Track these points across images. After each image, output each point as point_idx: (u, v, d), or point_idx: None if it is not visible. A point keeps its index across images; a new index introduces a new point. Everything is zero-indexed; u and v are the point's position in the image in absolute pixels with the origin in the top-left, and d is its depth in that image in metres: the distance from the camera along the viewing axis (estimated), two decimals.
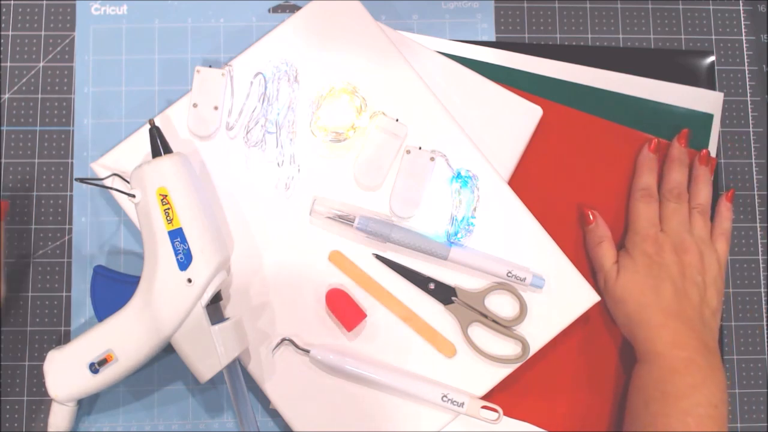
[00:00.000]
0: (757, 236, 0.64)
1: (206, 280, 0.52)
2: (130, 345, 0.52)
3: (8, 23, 0.63)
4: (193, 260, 0.51)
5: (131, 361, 0.52)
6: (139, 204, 0.52)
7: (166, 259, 0.51)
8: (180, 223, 0.51)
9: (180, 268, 0.51)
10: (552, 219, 0.58)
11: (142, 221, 0.52)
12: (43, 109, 0.62)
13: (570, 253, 0.58)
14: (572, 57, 0.64)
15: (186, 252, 0.51)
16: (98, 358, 0.51)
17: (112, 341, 0.52)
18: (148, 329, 0.51)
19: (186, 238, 0.51)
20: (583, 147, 0.62)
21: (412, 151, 0.57)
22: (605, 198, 0.62)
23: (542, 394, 0.60)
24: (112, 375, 0.52)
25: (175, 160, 0.53)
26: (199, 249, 0.51)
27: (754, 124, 0.65)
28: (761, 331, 0.63)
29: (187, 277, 0.51)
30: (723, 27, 0.66)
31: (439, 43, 0.63)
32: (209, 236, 0.52)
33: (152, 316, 0.51)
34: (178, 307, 0.51)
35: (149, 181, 0.52)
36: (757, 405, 0.62)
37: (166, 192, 0.51)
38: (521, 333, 0.57)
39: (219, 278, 0.53)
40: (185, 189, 0.52)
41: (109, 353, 0.51)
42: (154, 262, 0.51)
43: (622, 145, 0.62)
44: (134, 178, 0.53)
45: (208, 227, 0.53)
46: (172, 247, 0.51)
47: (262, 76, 0.58)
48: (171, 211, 0.51)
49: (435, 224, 0.57)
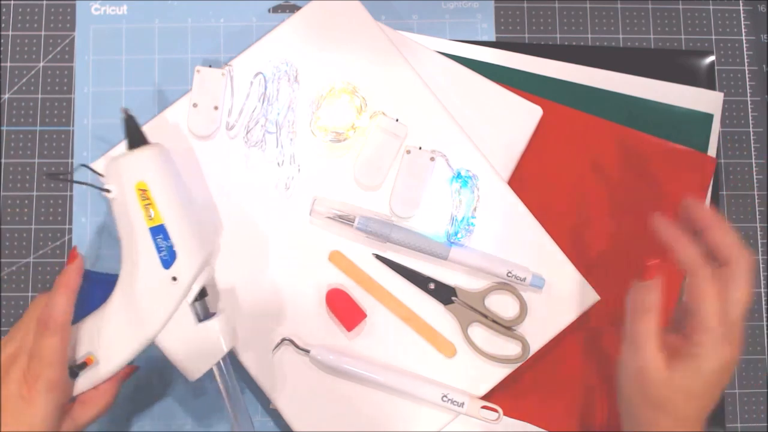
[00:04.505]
0: (757, 236, 0.64)
1: (192, 277, 0.50)
2: (111, 347, 0.49)
3: (8, 23, 0.63)
4: (177, 257, 0.49)
5: (113, 365, 0.49)
6: (116, 199, 0.49)
7: (148, 257, 0.49)
8: (162, 219, 0.49)
9: (164, 266, 0.49)
10: (552, 219, 0.58)
11: (119, 217, 0.50)
12: (43, 109, 0.62)
13: (570, 253, 0.58)
14: (572, 57, 0.64)
15: (169, 249, 0.49)
16: (77, 362, 0.49)
17: (92, 343, 0.49)
18: (131, 330, 0.49)
19: (169, 235, 0.49)
20: (583, 147, 0.62)
21: (412, 151, 0.57)
22: (605, 198, 0.62)
23: (542, 394, 0.60)
24: (92, 379, 0.49)
25: (154, 151, 0.50)
26: (183, 245, 0.49)
27: (754, 124, 0.65)
28: (761, 331, 0.63)
29: (172, 275, 0.49)
30: (723, 27, 0.66)
31: (439, 43, 0.63)
32: (193, 231, 0.50)
33: (135, 317, 0.49)
34: (163, 307, 0.49)
35: (126, 175, 0.49)
36: (757, 405, 0.62)
37: (145, 186, 0.49)
38: (521, 333, 0.57)
39: (205, 274, 0.51)
40: (166, 183, 0.49)
41: (89, 356, 0.49)
42: (134, 260, 0.49)
43: (622, 145, 0.62)
44: (109, 171, 0.50)
45: (192, 222, 0.50)
46: (155, 244, 0.49)
47: (262, 76, 0.58)
48: (152, 206, 0.49)
49: (435, 224, 0.57)
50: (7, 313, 0.60)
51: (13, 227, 0.61)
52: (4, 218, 0.61)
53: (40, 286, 0.60)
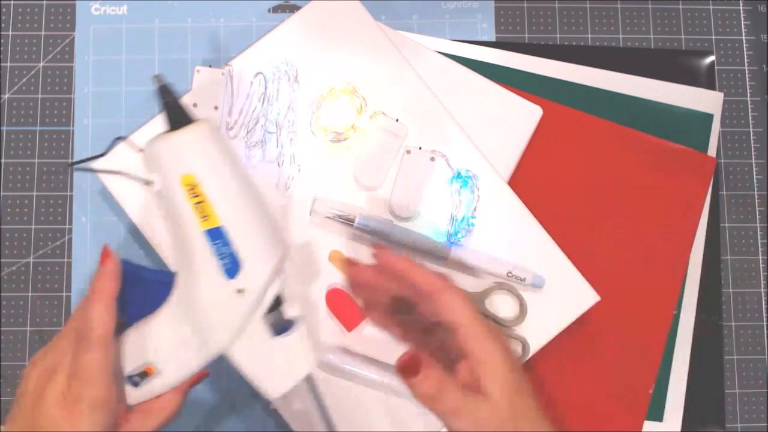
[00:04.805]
0: (757, 236, 0.64)
1: (262, 287, 0.41)
2: (172, 359, 0.42)
3: (8, 23, 0.63)
4: (242, 265, 0.40)
5: (176, 377, 0.43)
6: (161, 192, 0.40)
7: (206, 266, 0.40)
8: (219, 220, 0.39)
9: (227, 276, 0.40)
10: (552, 219, 0.58)
11: (167, 215, 0.41)
12: (43, 109, 0.62)
13: (570, 253, 0.58)
14: (572, 57, 0.64)
15: (231, 256, 0.40)
16: (137, 371, 0.43)
17: (151, 353, 0.42)
18: (193, 344, 0.42)
19: (229, 239, 0.40)
20: (583, 147, 0.62)
21: (412, 151, 0.57)
22: (605, 198, 0.62)
23: (542, 394, 0.60)
24: (156, 388, 0.43)
25: (200, 132, 0.40)
26: (248, 250, 0.40)
27: (754, 124, 0.65)
28: (761, 331, 0.63)
29: (237, 288, 0.40)
30: (723, 27, 0.66)
31: (439, 43, 0.63)
32: (260, 233, 0.41)
33: (197, 330, 0.41)
34: (229, 322, 0.41)
35: (169, 164, 0.39)
36: (757, 405, 0.62)
37: (193, 180, 0.39)
38: (521, 333, 0.57)
39: (279, 281, 0.42)
40: (221, 174, 0.40)
41: (148, 366, 0.42)
42: (189, 267, 0.40)
43: (622, 145, 0.62)
44: (149, 158, 0.40)
45: (257, 221, 0.41)
46: (213, 250, 0.40)
47: (262, 76, 0.58)
48: (204, 205, 0.39)
49: (435, 224, 0.57)
50: (7, 313, 0.60)
51: (13, 227, 0.61)
52: (4, 218, 0.61)
53: (40, 286, 0.60)
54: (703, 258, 0.63)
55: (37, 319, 0.60)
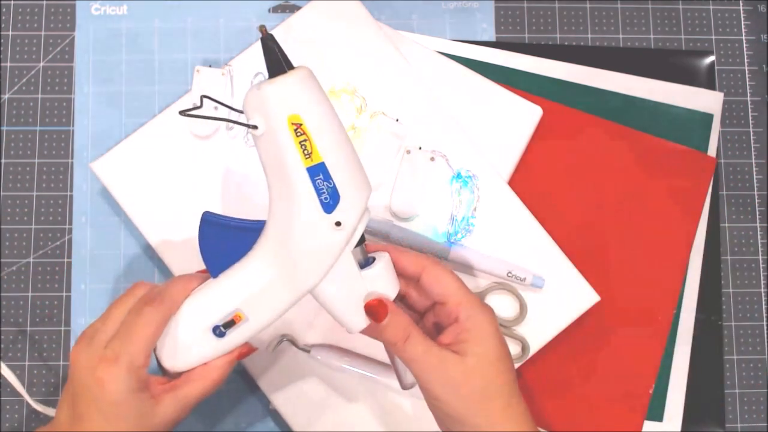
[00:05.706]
0: (757, 236, 0.64)
1: (356, 220, 0.43)
2: (262, 302, 0.44)
3: (8, 23, 0.63)
4: (341, 199, 0.43)
5: (264, 321, 0.45)
6: (263, 136, 0.42)
7: (307, 201, 0.42)
8: (321, 156, 0.42)
9: (325, 210, 0.42)
10: (552, 219, 0.58)
11: (267, 156, 0.43)
12: (43, 109, 0.62)
13: (570, 253, 0.58)
14: (572, 57, 0.64)
15: (331, 190, 0.42)
16: (224, 320, 0.44)
17: (240, 299, 0.44)
18: (285, 282, 0.44)
19: (330, 174, 0.42)
20: (583, 147, 0.62)
21: (412, 151, 0.57)
22: (605, 198, 0.62)
23: (542, 394, 0.60)
24: (240, 337, 0.45)
25: (303, 76, 0.42)
26: (347, 185, 0.43)
27: (754, 124, 0.65)
28: (761, 331, 0.63)
29: (335, 220, 0.43)
30: (723, 27, 0.66)
31: (439, 43, 0.63)
32: (356, 167, 0.44)
33: (290, 267, 0.44)
34: (324, 255, 0.43)
35: (275, 107, 0.41)
36: (757, 405, 0.62)
37: (299, 120, 0.41)
38: (521, 333, 0.57)
39: (366, 216, 0.45)
40: (323, 114, 0.42)
41: (237, 313, 0.44)
42: (288, 205, 0.43)
43: (622, 145, 0.62)
44: (251, 104, 0.43)
45: (353, 158, 0.44)
46: (314, 185, 0.42)
47: (262, 76, 0.58)
48: (308, 143, 0.42)
49: (435, 224, 0.57)
50: (7, 313, 0.60)
51: (13, 227, 0.61)
52: (4, 218, 0.61)
53: (40, 286, 0.60)
54: (703, 258, 0.63)
55: (36, 319, 0.60)
